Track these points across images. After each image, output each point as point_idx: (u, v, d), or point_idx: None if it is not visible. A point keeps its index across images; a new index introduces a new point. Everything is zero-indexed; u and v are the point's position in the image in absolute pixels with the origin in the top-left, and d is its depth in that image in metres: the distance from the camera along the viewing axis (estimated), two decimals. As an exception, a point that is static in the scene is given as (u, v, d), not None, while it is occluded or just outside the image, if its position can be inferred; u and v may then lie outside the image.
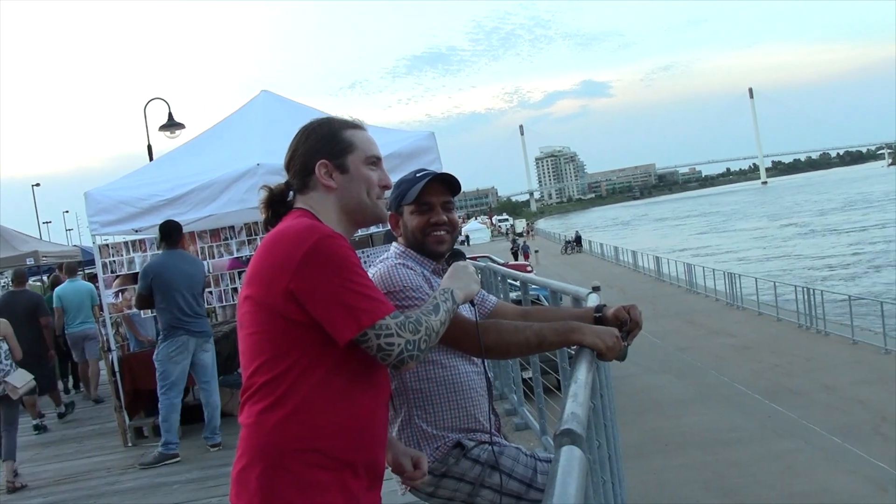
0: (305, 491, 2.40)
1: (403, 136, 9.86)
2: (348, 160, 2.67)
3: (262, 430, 2.45)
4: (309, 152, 2.69)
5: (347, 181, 2.67)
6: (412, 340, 2.44)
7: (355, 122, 2.78)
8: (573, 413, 2.15)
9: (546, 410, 7.61)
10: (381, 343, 2.41)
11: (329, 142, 2.69)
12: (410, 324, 2.46)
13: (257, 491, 2.42)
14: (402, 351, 2.42)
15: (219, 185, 9.25)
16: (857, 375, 20.23)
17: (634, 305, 3.19)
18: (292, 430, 2.42)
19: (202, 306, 8.86)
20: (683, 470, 14.65)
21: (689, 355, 24.70)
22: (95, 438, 10.60)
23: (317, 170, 2.65)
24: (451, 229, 3.24)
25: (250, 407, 2.49)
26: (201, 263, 9.31)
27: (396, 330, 2.42)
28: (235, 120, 11.07)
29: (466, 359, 3.25)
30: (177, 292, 8.51)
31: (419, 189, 3.17)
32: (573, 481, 1.71)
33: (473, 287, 2.84)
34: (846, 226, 77.22)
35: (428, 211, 3.20)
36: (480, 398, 3.28)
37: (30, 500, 8.12)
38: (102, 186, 9.96)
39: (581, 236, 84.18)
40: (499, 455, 3.18)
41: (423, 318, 2.52)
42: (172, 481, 7.91)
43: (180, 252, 8.86)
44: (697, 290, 39.38)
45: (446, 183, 3.24)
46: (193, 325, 8.62)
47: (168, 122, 21.20)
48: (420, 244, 3.21)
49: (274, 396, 2.43)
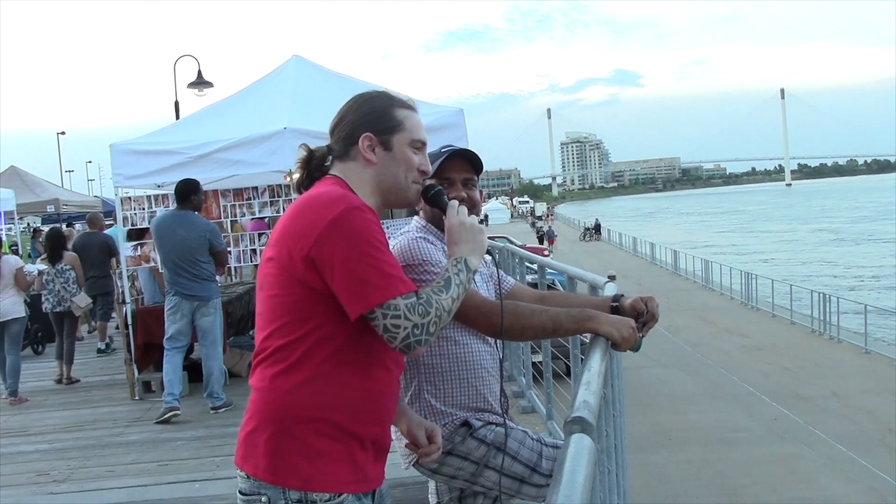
0: (312, 459, 2.40)
1: (432, 111, 9.82)
2: (394, 139, 2.64)
3: (273, 395, 2.44)
4: (357, 122, 2.64)
5: (389, 159, 2.63)
6: (419, 325, 2.38)
7: (409, 103, 2.73)
8: (585, 401, 2.14)
9: (554, 396, 7.61)
10: (388, 324, 2.37)
11: (379, 116, 2.64)
12: (421, 306, 2.39)
13: (264, 455, 2.42)
14: (409, 335, 2.38)
15: (244, 146, 9.24)
16: (867, 385, 20.15)
17: (652, 297, 3.16)
18: (304, 398, 2.41)
19: (202, 268, 8.56)
20: (685, 466, 14.68)
21: (700, 352, 24.66)
22: (104, 389, 10.67)
23: (360, 142, 2.62)
24: (470, 206, 3.12)
25: (263, 370, 2.48)
26: (206, 227, 8.74)
27: (405, 312, 2.37)
28: (265, 83, 11.05)
29: (480, 338, 3.23)
30: (167, 251, 8.50)
31: (439, 164, 3.14)
32: (582, 469, 1.70)
33: (481, 240, 2.70)
34: (881, 235, 73.31)
35: (448, 186, 3.14)
36: (491, 378, 3.27)
37: (36, 444, 8.19)
38: (129, 140, 9.98)
39: (600, 224, 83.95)
40: (505, 437, 3.17)
41: (434, 299, 2.44)
42: (176, 437, 7.95)
43: (184, 213, 8.57)
44: (713, 287, 39.23)
45: (469, 160, 3.22)
46: (183, 287, 8.50)
47: (197, 79, 21.22)
48: (439, 219, 3.13)
49: (288, 362, 2.42)
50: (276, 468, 2.41)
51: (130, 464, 7.32)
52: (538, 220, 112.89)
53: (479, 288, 3.24)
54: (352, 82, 10.86)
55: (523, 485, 3.17)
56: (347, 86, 10.48)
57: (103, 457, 7.59)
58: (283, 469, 2.40)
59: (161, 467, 7.13)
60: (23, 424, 9.06)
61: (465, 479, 3.23)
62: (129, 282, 9.99)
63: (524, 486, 3.17)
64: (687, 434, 16.54)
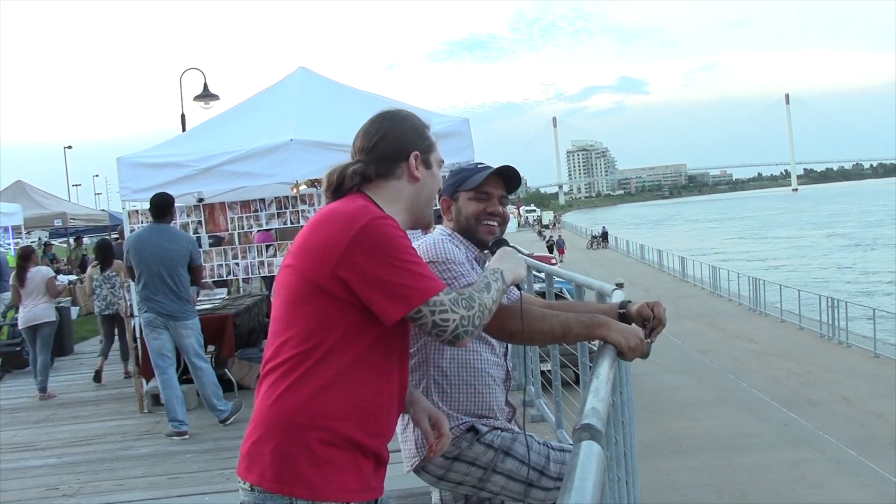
0: (320, 467, 2.40)
1: (438, 120, 9.82)
2: (432, 157, 2.73)
3: (282, 404, 2.44)
4: (404, 140, 2.68)
5: (429, 177, 2.71)
6: (467, 316, 2.46)
7: (426, 123, 2.80)
8: (594, 408, 2.14)
9: (563, 404, 7.59)
10: (437, 319, 2.43)
11: (421, 135, 2.71)
12: (464, 300, 2.48)
13: (271, 464, 2.41)
14: (458, 326, 2.44)
15: (251, 158, 9.26)
16: (877, 389, 20.09)
17: (658, 302, 3.17)
18: (314, 408, 2.42)
19: (180, 286, 8.33)
20: (696, 473, 14.64)
21: (709, 358, 24.64)
22: (112, 402, 10.66)
23: (412, 159, 2.66)
24: (501, 222, 3.30)
25: (273, 379, 2.48)
26: (187, 240, 8.67)
27: (451, 306, 2.44)
28: (271, 94, 11.09)
29: (488, 346, 3.27)
30: (149, 267, 8.22)
31: (483, 178, 3.21)
32: (591, 476, 1.70)
33: (521, 271, 2.83)
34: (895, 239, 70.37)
35: (486, 200, 3.25)
36: (496, 387, 3.31)
37: (45, 459, 8.19)
38: (136, 153, 10.01)
39: (608, 232, 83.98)
40: (511, 441, 3.20)
41: (477, 295, 2.53)
42: (186, 450, 7.95)
43: (163, 226, 8.43)
44: (721, 294, 39.24)
45: (505, 179, 3.29)
46: (160, 306, 8.24)
47: (203, 92, 21.26)
48: (471, 231, 3.26)
49: (299, 371, 2.43)
50: (283, 477, 2.40)
51: (140, 477, 7.31)
52: (545, 229, 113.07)
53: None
54: (357, 94, 10.90)
55: (531, 488, 3.17)
56: (353, 97, 10.52)
57: (112, 470, 7.58)
58: (291, 477, 2.40)
59: (171, 480, 7.13)
60: (31, 439, 9.06)
61: (471, 485, 3.23)
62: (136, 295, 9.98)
63: (532, 490, 3.17)
64: (697, 440, 16.50)
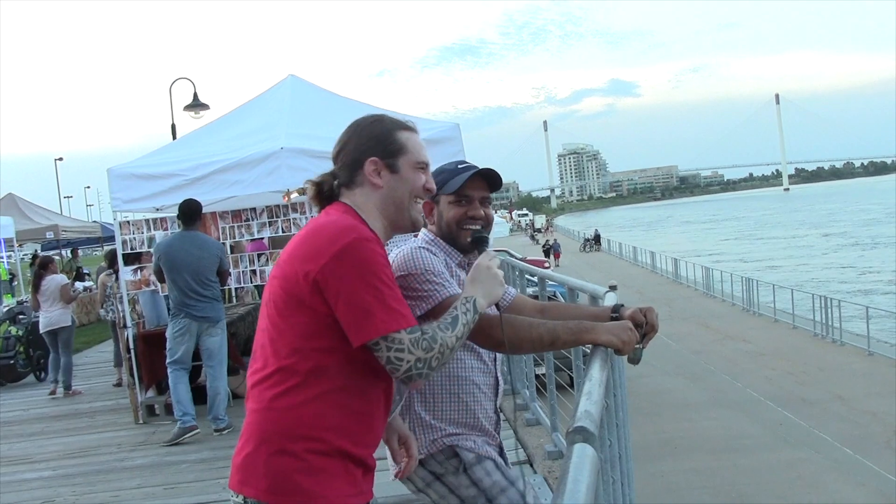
0: (314, 475, 2.43)
1: (429, 126, 9.84)
2: (399, 161, 2.68)
3: (272, 415, 2.47)
4: (361, 147, 2.68)
5: (395, 181, 2.68)
6: (423, 359, 2.44)
7: (408, 124, 2.78)
8: (587, 411, 2.14)
9: (558, 407, 7.60)
10: (392, 356, 2.43)
11: (383, 140, 2.68)
12: (425, 341, 2.45)
13: (265, 476, 2.44)
14: (412, 368, 2.43)
15: (242, 167, 9.25)
16: (871, 387, 20.09)
17: (651, 308, 3.13)
18: (302, 419, 2.44)
19: (211, 290, 8.66)
20: (692, 474, 14.62)
21: (703, 359, 24.64)
22: (107, 414, 10.65)
23: (366, 166, 2.66)
24: (485, 224, 3.21)
25: (261, 391, 2.51)
26: (216, 246, 9.01)
27: (409, 346, 2.42)
28: (261, 102, 11.09)
29: (474, 354, 3.21)
30: (180, 274, 8.46)
31: (462, 181, 3.15)
32: (584, 479, 1.70)
33: (497, 291, 2.76)
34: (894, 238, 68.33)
35: (467, 204, 3.17)
36: (482, 396, 3.24)
37: (39, 472, 8.18)
38: (126, 163, 10.00)
39: (600, 235, 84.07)
40: (500, 492, 3.13)
41: (440, 335, 2.49)
42: (181, 460, 7.94)
43: (194, 234, 8.72)
44: (714, 295, 39.27)
45: (488, 179, 3.22)
46: (195, 310, 8.53)
47: (193, 101, 21.24)
48: (453, 236, 3.18)
49: (288, 383, 2.46)
50: (278, 488, 2.43)
51: (136, 488, 7.30)
52: (537, 233, 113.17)
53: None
54: (347, 102, 10.90)
55: None
56: (343, 105, 10.53)
57: (108, 482, 7.57)
58: (286, 488, 2.42)
59: (167, 491, 7.12)
60: (26, 452, 9.05)
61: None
62: (129, 306, 9.98)
63: None
64: (693, 442, 16.48)
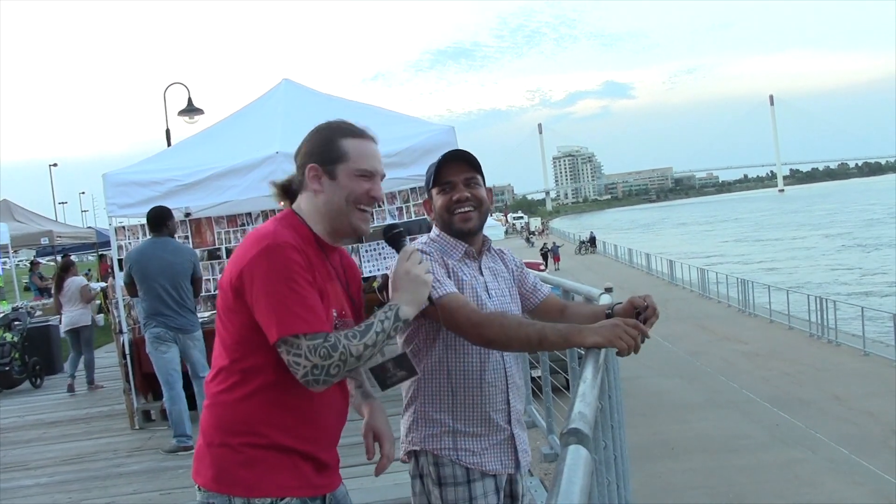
0: (252, 467, 2.59)
1: (424, 129, 9.85)
2: (338, 168, 2.73)
3: (216, 411, 2.66)
4: (306, 153, 2.78)
5: (333, 188, 2.73)
6: (320, 366, 2.49)
7: (358, 132, 2.81)
8: (581, 413, 2.14)
9: (553, 409, 7.61)
10: (290, 360, 2.51)
11: (324, 147, 2.76)
12: (324, 348, 2.49)
13: (210, 466, 2.63)
14: (307, 374, 2.50)
15: (237, 172, 9.25)
16: (868, 387, 20.14)
17: (649, 295, 3.17)
18: (241, 415, 2.61)
19: (186, 298, 8.40)
20: (689, 475, 14.65)
21: (700, 360, 24.68)
22: (103, 420, 10.63)
23: (307, 172, 2.75)
24: (477, 205, 3.19)
25: (209, 388, 2.70)
26: (189, 252, 8.82)
27: (306, 352, 2.49)
28: (256, 107, 11.09)
29: (475, 349, 3.11)
30: (156, 281, 8.23)
31: (435, 169, 3.18)
32: (578, 480, 1.71)
33: (421, 293, 2.75)
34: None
35: (450, 189, 3.18)
36: (493, 390, 3.15)
37: (36, 478, 8.15)
38: (121, 169, 9.99)
39: (595, 237, 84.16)
40: None
41: (342, 343, 2.53)
42: (177, 465, 7.92)
43: (165, 240, 8.49)
44: (710, 296, 39.32)
45: (466, 160, 3.21)
46: (170, 320, 8.26)
47: (188, 106, 21.22)
48: (449, 224, 3.19)
49: (229, 382, 2.63)
50: (220, 478, 2.60)
51: (132, 494, 7.29)
52: (532, 235, 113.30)
53: (504, 298, 3.25)
54: (343, 103, 10.90)
55: None
56: (338, 108, 10.51)
57: (105, 488, 7.56)
58: (227, 479, 2.59)
59: (163, 496, 7.11)
60: (23, 458, 9.03)
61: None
62: (125, 311, 9.96)
63: None
64: (690, 442, 16.51)
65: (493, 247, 3.40)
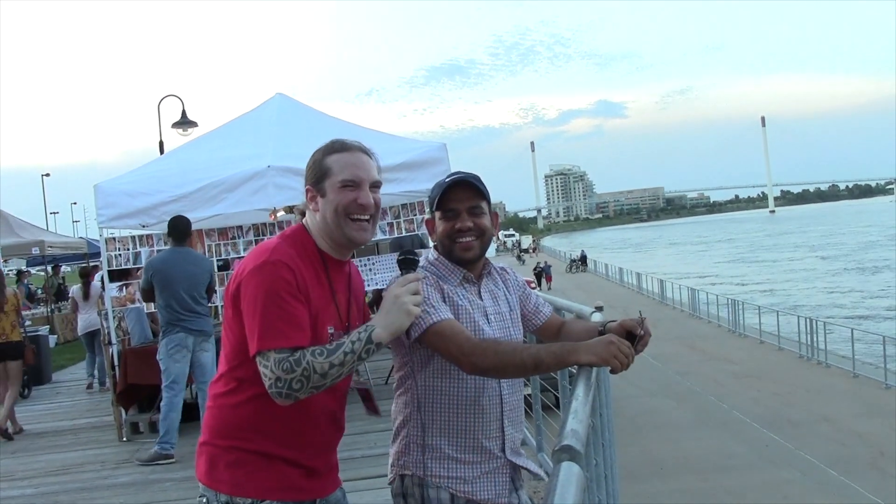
0: (239, 468, 2.75)
1: (415, 146, 9.86)
2: (325, 185, 2.86)
3: (213, 413, 2.85)
4: (305, 178, 2.94)
5: (325, 204, 2.85)
6: (283, 379, 2.59)
7: (342, 146, 2.91)
8: (573, 430, 2.14)
9: (544, 427, 7.59)
10: (262, 371, 2.64)
11: (313, 169, 2.90)
12: (287, 363, 2.59)
13: (204, 462, 2.83)
14: (272, 386, 2.61)
15: (229, 185, 9.25)
16: (857, 408, 20.19)
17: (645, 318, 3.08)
18: (234, 419, 2.79)
19: (203, 305, 8.66)
20: (678, 495, 14.63)
21: (689, 380, 24.68)
22: (91, 431, 10.58)
23: (306, 194, 2.91)
24: (478, 234, 3.10)
25: (211, 389, 2.90)
26: (208, 262, 9.07)
27: (272, 365, 2.60)
28: (249, 120, 11.09)
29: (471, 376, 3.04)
30: (176, 289, 8.41)
31: (439, 195, 3.09)
32: (570, 497, 1.70)
33: (401, 322, 2.78)
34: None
35: (454, 217, 3.09)
36: (487, 416, 3.09)
37: (22, 489, 8.10)
38: (113, 179, 9.98)
39: (586, 256, 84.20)
40: None
41: (307, 360, 2.62)
42: (166, 478, 7.88)
43: (186, 250, 8.70)
44: (700, 316, 39.38)
45: (473, 186, 3.11)
46: (191, 323, 8.49)
47: (181, 119, 21.23)
48: (449, 251, 3.13)
49: (227, 388, 2.81)
50: (210, 474, 2.80)
51: (119, 506, 7.25)
52: (524, 253, 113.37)
53: (494, 316, 3.16)
54: (334, 122, 10.91)
55: None
56: (330, 124, 10.55)
57: (91, 500, 7.51)
58: (216, 475, 2.79)
59: (150, 509, 7.07)
60: (9, 469, 8.97)
61: None
62: (115, 322, 9.93)
63: None
64: (679, 462, 16.51)
65: (495, 267, 3.33)
